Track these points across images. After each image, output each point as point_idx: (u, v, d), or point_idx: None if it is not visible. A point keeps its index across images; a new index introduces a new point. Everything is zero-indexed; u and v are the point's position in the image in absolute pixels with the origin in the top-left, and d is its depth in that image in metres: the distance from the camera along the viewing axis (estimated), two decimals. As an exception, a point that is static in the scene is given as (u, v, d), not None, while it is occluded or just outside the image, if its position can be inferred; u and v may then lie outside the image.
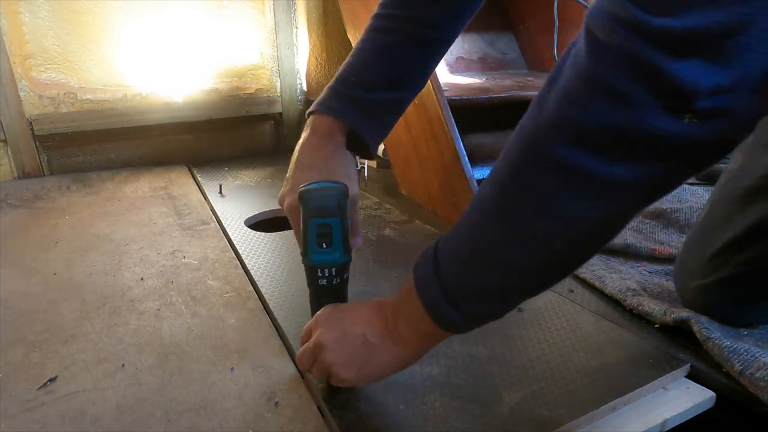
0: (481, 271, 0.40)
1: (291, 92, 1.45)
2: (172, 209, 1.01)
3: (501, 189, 0.38)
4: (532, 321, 0.64)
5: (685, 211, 0.88)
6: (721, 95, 0.28)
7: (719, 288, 0.59)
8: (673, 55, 0.27)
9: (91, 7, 1.18)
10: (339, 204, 0.50)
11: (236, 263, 0.79)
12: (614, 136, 0.31)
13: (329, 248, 0.51)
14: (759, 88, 0.28)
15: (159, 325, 0.63)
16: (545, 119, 0.34)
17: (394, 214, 1.00)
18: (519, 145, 0.36)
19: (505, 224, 0.38)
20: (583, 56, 0.31)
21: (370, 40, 0.60)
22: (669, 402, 0.52)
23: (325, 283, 0.52)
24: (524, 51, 1.43)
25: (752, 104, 0.29)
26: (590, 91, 0.31)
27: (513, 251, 0.38)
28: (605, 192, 0.33)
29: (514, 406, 0.50)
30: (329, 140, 0.58)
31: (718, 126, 0.29)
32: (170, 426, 0.47)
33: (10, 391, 0.52)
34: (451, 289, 0.41)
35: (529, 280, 0.40)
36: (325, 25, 1.44)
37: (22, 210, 1.01)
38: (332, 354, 0.48)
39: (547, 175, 0.34)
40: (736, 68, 0.27)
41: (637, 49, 0.28)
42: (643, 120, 0.29)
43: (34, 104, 1.18)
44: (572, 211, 0.34)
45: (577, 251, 0.38)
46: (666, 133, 0.29)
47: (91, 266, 0.78)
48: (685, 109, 0.28)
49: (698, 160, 0.32)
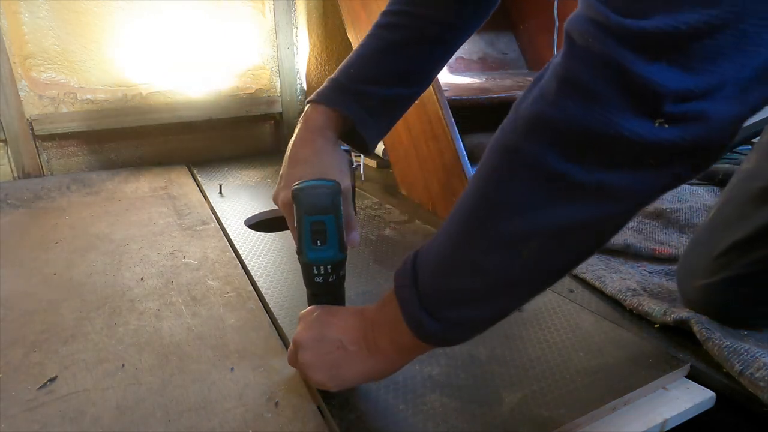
0: (454, 276, 0.39)
1: (291, 92, 1.45)
2: (172, 209, 1.01)
3: (476, 191, 0.37)
4: (532, 321, 0.64)
5: (685, 211, 0.88)
6: (694, 101, 0.28)
7: (724, 287, 0.59)
8: (642, 55, 0.27)
9: (91, 7, 1.18)
10: (332, 201, 0.50)
11: (236, 263, 0.79)
12: (586, 138, 0.30)
13: (324, 245, 0.51)
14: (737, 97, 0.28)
15: (159, 325, 0.63)
16: (520, 119, 0.34)
17: (394, 214, 1.00)
18: (495, 145, 0.36)
19: (478, 227, 0.37)
20: (560, 59, 0.32)
21: (375, 36, 0.60)
22: (669, 402, 0.52)
23: (321, 281, 0.52)
24: (524, 51, 1.43)
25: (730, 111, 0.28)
26: (563, 90, 0.31)
27: (485, 255, 0.36)
28: (576, 196, 0.32)
29: (514, 406, 0.50)
30: (320, 134, 0.57)
31: (690, 131, 0.28)
32: (170, 426, 0.47)
33: (10, 391, 0.52)
34: (427, 295, 0.40)
35: (504, 289, 0.38)
36: (325, 25, 1.44)
37: (22, 210, 1.01)
38: (307, 354, 0.48)
39: (518, 175, 0.34)
40: (707, 73, 0.27)
41: (608, 49, 0.28)
42: (613, 121, 0.29)
43: (34, 104, 1.18)
44: (542, 216, 0.33)
45: (551, 259, 0.36)
46: (637, 137, 0.29)
47: (91, 266, 0.78)
48: (654, 112, 0.28)
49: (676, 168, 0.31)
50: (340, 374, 0.47)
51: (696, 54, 0.27)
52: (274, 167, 1.30)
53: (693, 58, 0.27)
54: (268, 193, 1.10)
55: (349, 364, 0.47)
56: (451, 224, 0.39)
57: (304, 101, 1.47)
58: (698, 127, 0.28)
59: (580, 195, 0.32)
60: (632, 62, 0.28)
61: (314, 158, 0.56)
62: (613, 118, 0.29)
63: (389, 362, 0.46)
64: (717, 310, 0.60)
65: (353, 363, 0.47)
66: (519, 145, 0.33)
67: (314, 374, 0.48)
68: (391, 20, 0.59)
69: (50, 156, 1.24)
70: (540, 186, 0.33)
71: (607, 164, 0.31)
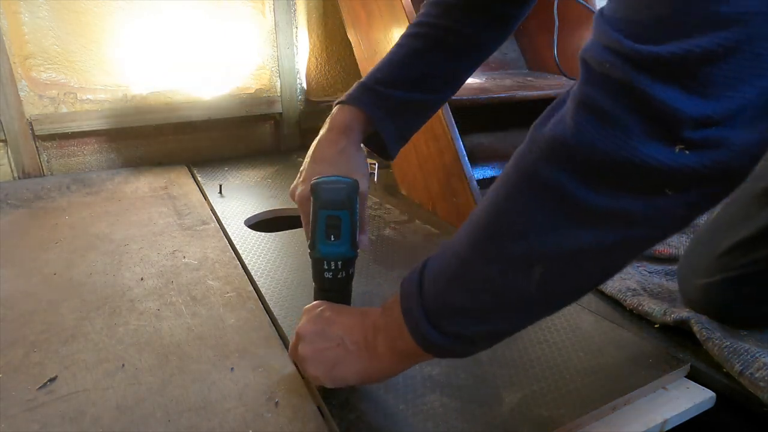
0: (460, 291, 0.39)
1: (291, 92, 1.44)
2: (172, 209, 1.01)
3: (490, 208, 0.37)
4: (532, 321, 0.64)
5: (685, 211, 0.88)
6: (714, 127, 0.27)
7: (726, 287, 0.59)
8: (659, 81, 0.27)
9: (91, 7, 1.18)
10: (349, 198, 0.51)
11: (236, 263, 0.79)
12: (603, 162, 0.30)
13: (337, 241, 0.52)
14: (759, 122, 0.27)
15: (159, 325, 0.63)
16: (538, 142, 0.34)
17: (394, 214, 1.00)
18: (512, 167, 0.36)
19: (488, 244, 0.37)
20: (579, 85, 0.32)
21: (400, 44, 0.63)
22: (669, 402, 0.52)
23: (330, 276, 0.53)
24: (524, 51, 1.43)
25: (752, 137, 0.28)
26: (582, 114, 0.31)
27: (494, 274, 0.36)
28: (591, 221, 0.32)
29: (514, 406, 0.50)
30: (345, 136, 0.59)
31: (711, 158, 0.28)
32: (170, 426, 0.47)
33: (10, 391, 0.52)
34: (432, 307, 0.40)
35: (508, 307, 0.38)
36: (325, 25, 1.44)
37: (22, 210, 1.01)
38: (307, 347, 0.48)
39: (533, 196, 0.34)
40: (726, 99, 0.27)
41: (626, 75, 0.28)
42: (632, 146, 0.29)
43: (34, 104, 1.18)
44: (554, 237, 0.33)
45: (561, 282, 0.36)
46: (656, 162, 0.29)
47: (91, 266, 0.78)
48: (674, 137, 0.28)
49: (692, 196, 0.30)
50: (337, 372, 0.47)
51: (712, 79, 0.27)
52: (274, 167, 1.30)
53: (709, 83, 0.27)
54: (268, 193, 1.10)
55: (347, 363, 0.47)
56: (461, 238, 0.39)
57: (305, 111, 1.48)
58: (719, 153, 0.28)
59: (594, 220, 0.32)
60: (651, 87, 0.28)
61: (336, 158, 0.58)
62: (632, 142, 0.29)
63: (387, 367, 0.46)
64: (718, 309, 0.60)
65: (351, 362, 0.47)
66: (536, 167, 0.33)
67: (311, 368, 0.48)
68: (415, 30, 0.63)
69: (50, 156, 1.24)
70: (554, 208, 0.33)
71: (623, 190, 0.30)
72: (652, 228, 0.32)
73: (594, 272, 0.36)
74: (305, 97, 1.49)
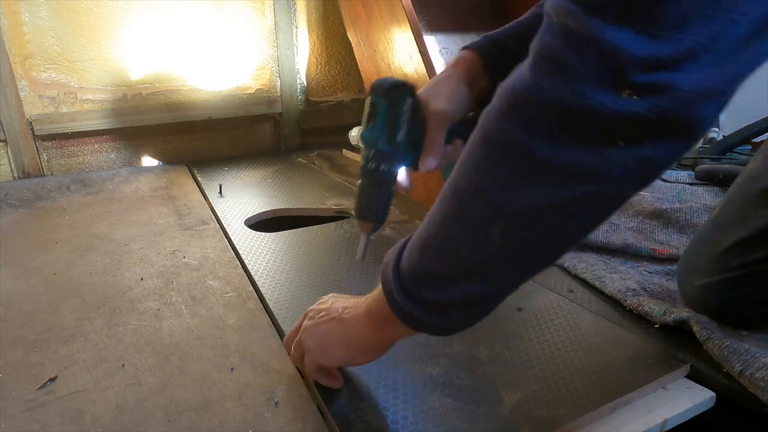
0: (428, 256, 0.39)
1: (291, 92, 1.45)
2: (172, 209, 1.01)
3: (459, 166, 0.37)
4: (532, 321, 0.64)
5: (685, 211, 0.88)
6: (662, 71, 0.27)
7: (725, 287, 0.59)
8: (610, 22, 0.27)
9: (91, 7, 1.18)
10: (392, 89, 0.51)
11: (236, 263, 0.79)
12: (557, 112, 0.30)
13: (371, 126, 0.52)
14: (712, 68, 0.27)
15: (159, 325, 0.63)
16: (501, 94, 0.34)
17: (394, 214, 1.00)
18: (480, 122, 0.36)
19: (453, 208, 0.37)
20: (538, 36, 0.31)
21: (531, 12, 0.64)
22: (669, 402, 0.52)
23: (369, 166, 0.52)
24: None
25: (703, 84, 0.27)
26: (538, 63, 0.31)
27: (457, 237, 0.36)
28: (547, 176, 0.31)
29: (514, 406, 0.50)
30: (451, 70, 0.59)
31: (658, 103, 0.27)
32: (170, 426, 0.47)
33: (10, 391, 0.52)
34: (404, 272, 0.41)
35: (474, 270, 0.37)
36: (325, 25, 1.44)
37: (22, 210, 1.01)
38: (309, 322, 0.50)
39: (491, 154, 0.34)
40: (675, 41, 0.26)
41: (578, 19, 0.28)
42: (582, 93, 0.28)
43: (34, 104, 1.18)
44: (510, 194, 0.33)
45: (525, 243, 0.35)
46: (603, 108, 0.28)
47: (91, 266, 0.78)
48: (622, 82, 0.27)
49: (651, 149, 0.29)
50: (326, 344, 0.49)
51: (662, 19, 0.26)
52: (274, 167, 1.30)
53: (659, 24, 0.26)
54: (269, 193, 1.10)
55: (335, 333, 0.48)
56: (434, 205, 0.40)
57: (306, 111, 1.47)
58: (667, 99, 0.27)
59: (550, 174, 0.31)
60: (602, 30, 0.27)
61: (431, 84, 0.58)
62: (582, 88, 0.28)
63: (367, 337, 0.47)
64: (717, 309, 0.60)
65: (338, 332, 0.48)
66: (494, 124, 0.33)
67: (306, 341, 0.50)
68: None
69: (50, 156, 1.24)
70: (511, 163, 0.32)
71: (575, 140, 0.30)
72: (604, 183, 0.31)
73: (554, 233, 0.35)
74: (305, 97, 1.49)
